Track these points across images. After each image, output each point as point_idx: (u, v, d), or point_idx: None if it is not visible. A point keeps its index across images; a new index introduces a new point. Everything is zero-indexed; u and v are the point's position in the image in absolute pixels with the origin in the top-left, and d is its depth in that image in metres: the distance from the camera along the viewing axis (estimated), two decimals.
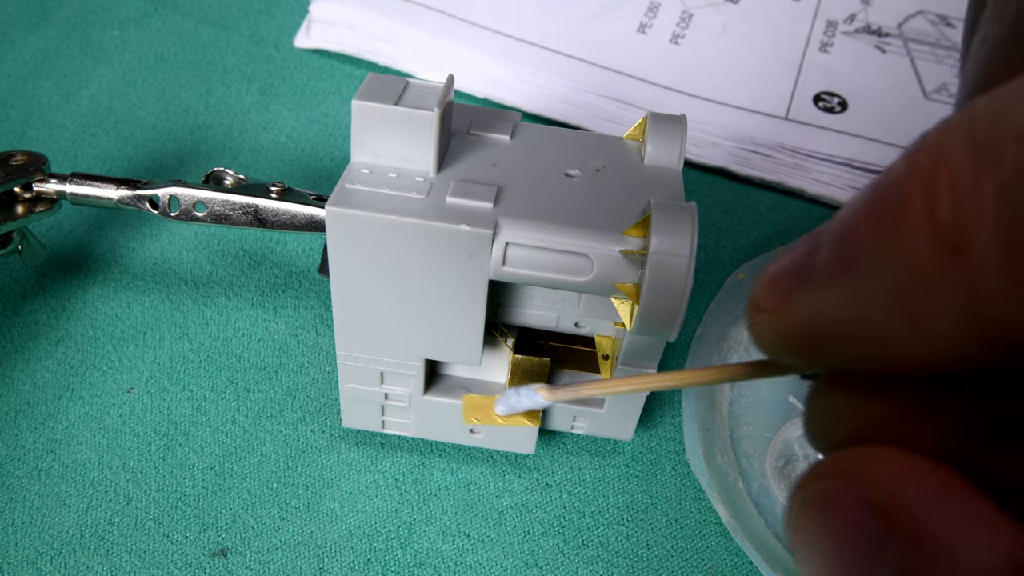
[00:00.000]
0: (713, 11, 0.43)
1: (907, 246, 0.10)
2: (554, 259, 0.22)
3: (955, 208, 0.10)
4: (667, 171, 0.24)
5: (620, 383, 0.19)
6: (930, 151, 0.10)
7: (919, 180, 0.10)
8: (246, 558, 0.25)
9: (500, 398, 0.23)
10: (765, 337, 0.13)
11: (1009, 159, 0.09)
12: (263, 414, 0.29)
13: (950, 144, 0.10)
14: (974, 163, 0.10)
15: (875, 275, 0.11)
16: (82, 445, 0.27)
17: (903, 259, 0.10)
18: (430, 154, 0.23)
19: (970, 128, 0.10)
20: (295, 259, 0.33)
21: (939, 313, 0.10)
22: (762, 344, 0.13)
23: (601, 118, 0.38)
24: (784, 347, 0.12)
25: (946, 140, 0.10)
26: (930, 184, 0.10)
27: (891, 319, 0.11)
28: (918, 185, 0.10)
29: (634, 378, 0.19)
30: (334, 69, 0.41)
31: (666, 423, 0.30)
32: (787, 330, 0.12)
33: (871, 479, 0.11)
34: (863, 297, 0.11)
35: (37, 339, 0.30)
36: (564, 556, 0.26)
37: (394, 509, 0.27)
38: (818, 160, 0.37)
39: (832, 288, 0.11)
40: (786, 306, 0.12)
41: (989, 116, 0.10)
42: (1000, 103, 0.10)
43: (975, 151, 0.10)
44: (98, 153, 0.36)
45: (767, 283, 0.12)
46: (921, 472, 0.11)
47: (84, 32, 0.41)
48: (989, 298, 0.10)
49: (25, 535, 0.25)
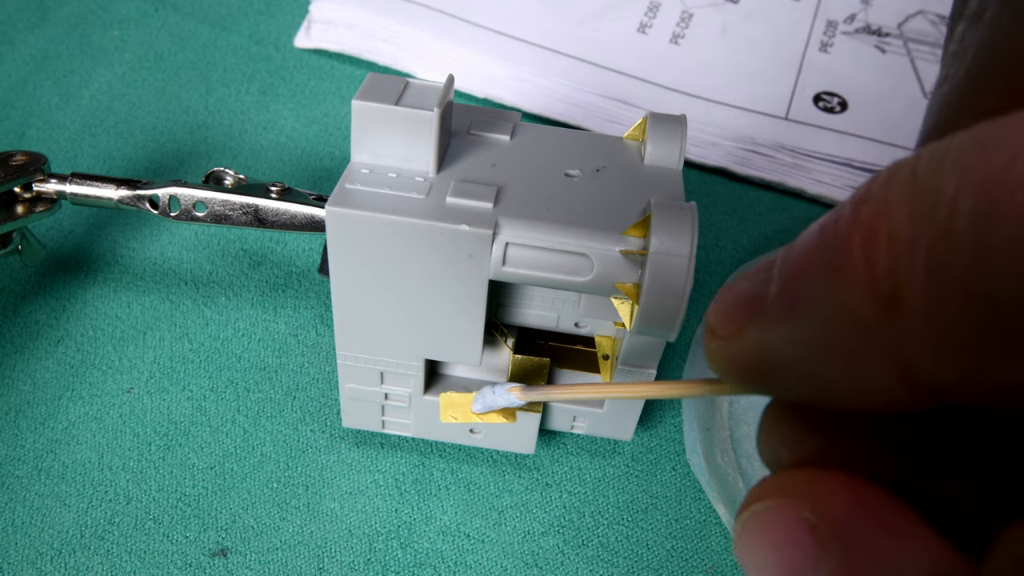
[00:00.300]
0: (713, 11, 0.43)
1: (845, 297, 0.11)
2: (554, 259, 0.22)
3: (892, 263, 0.10)
4: (667, 171, 0.24)
5: (588, 389, 0.20)
6: (873, 202, 0.11)
7: (860, 232, 0.10)
8: (246, 558, 0.25)
9: (477, 395, 0.23)
10: (718, 361, 0.13)
11: (941, 218, 0.10)
12: (263, 414, 0.29)
13: (891, 197, 0.10)
14: (912, 219, 0.10)
15: (815, 320, 0.11)
16: (82, 445, 0.27)
17: (841, 308, 0.11)
18: (430, 154, 0.23)
19: (911, 182, 0.10)
20: (295, 259, 0.33)
21: (872, 362, 0.11)
22: (715, 367, 0.13)
23: (601, 118, 0.38)
24: (735, 374, 0.13)
25: (888, 193, 0.10)
26: (870, 237, 0.10)
27: (828, 363, 0.11)
28: (860, 237, 0.10)
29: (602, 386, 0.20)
30: (334, 69, 0.41)
31: (666, 423, 0.30)
32: (738, 358, 0.13)
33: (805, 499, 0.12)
34: (804, 339, 0.11)
35: (37, 339, 0.30)
36: (564, 556, 0.26)
37: (394, 509, 0.27)
38: (818, 160, 0.37)
39: (778, 325, 0.12)
40: (738, 335, 0.12)
41: (930, 172, 0.10)
42: (940, 158, 0.10)
43: (913, 207, 0.10)
44: (98, 153, 0.36)
45: (722, 309, 0.13)
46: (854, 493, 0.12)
47: (84, 32, 0.41)
48: (919, 354, 0.10)
49: (25, 535, 0.25)
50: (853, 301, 0.10)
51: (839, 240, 0.11)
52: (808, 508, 0.12)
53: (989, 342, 0.09)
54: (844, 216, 0.11)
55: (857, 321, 0.11)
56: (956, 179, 0.10)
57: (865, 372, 0.11)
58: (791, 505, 0.12)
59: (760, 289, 0.12)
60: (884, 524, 0.11)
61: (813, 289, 0.11)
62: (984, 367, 0.10)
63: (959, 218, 0.09)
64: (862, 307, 0.10)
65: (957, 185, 0.10)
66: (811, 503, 0.12)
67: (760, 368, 0.12)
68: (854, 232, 0.11)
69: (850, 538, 0.11)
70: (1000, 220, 0.09)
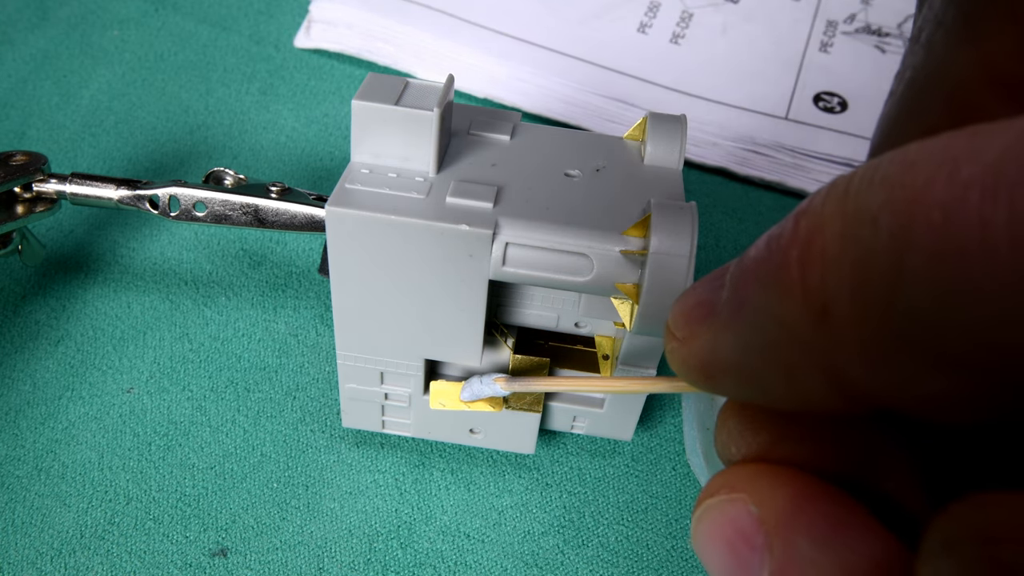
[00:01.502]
0: (713, 11, 0.43)
1: (783, 308, 0.11)
2: (554, 259, 0.22)
3: (823, 278, 0.10)
4: (667, 171, 0.24)
5: (563, 382, 0.21)
6: (811, 217, 0.11)
7: (798, 246, 0.11)
8: (246, 558, 0.25)
9: (465, 384, 0.24)
10: (674, 362, 0.14)
11: (865, 236, 0.10)
12: (263, 414, 0.29)
13: (826, 212, 0.11)
14: (842, 236, 0.10)
15: (757, 328, 0.12)
16: (82, 445, 0.27)
17: (779, 319, 0.11)
18: (430, 154, 0.23)
19: (843, 199, 0.10)
20: (295, 259, 0.33)
21: (806, 371, 0.11)
22: (672, 367, 0.14)
23: (601, 118, 0.38)
24: (688, 374, 0.14)
25: (825, 208, 0.11)
26: (806, 251, 0.11)
27: (768, 370, 0.12)
28: (797, 251, 0.11)
29: (576, 380, 0.20)
30: (334, 69, 0.41)
31: (666, 423, 0.30)
32: (690, 360, 0.13)
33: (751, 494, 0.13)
34: (747, 345, 0.12)
35: (37, 339, 0.30)
36: (564, 556, 0.26)
37: (394, 509, 0.27)
38: (818, 160, 0.37)
39: (726, 331, 0.12)
40: (692, 338, 0.13)
41: (859, 189, 0.10)
42: (870, 176, 0.10)
43: (843, 223, 0.10)
44: (98, 153, 0.36)
45: (679, 312, 0.14)
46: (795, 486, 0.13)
47: (84, 32, 0.41)
48: (847, 365, 0.11)
49: (25, 535, 0.25)
50: (789, 313, 0.11)
51: (780, 253, 0.11)
52: (753, 502, 0.13)
53: (908, 356, 0.10)
54: (787, 229, 0.11)
55: (793, 332, 0.11)
56: (881, 197, 0.10)
57: (801, 380, 0.11)
58: (738, 500, 0.13)
59: (713, 295, 0.13)
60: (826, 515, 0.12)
61: (756, 299, 0.12)
62: (905, 379, 0.10)
63: (880, 236, 0.10)
64: (797, 319, 0.11)
65: (880, 203, 0.10)
66: (755, 497, 0.13)
67: (709, 370, 0.13)
68: (793, 246, 0.11)
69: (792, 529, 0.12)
70: (915, 238, 0.09)
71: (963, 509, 0.10)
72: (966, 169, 0.09)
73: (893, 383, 0.10)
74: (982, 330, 0.09)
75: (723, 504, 0.13)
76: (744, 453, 0.14)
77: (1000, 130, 0.09)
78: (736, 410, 0.14)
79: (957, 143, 0.09)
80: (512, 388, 0.22)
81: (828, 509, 0.12)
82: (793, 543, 0.12)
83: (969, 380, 0.10)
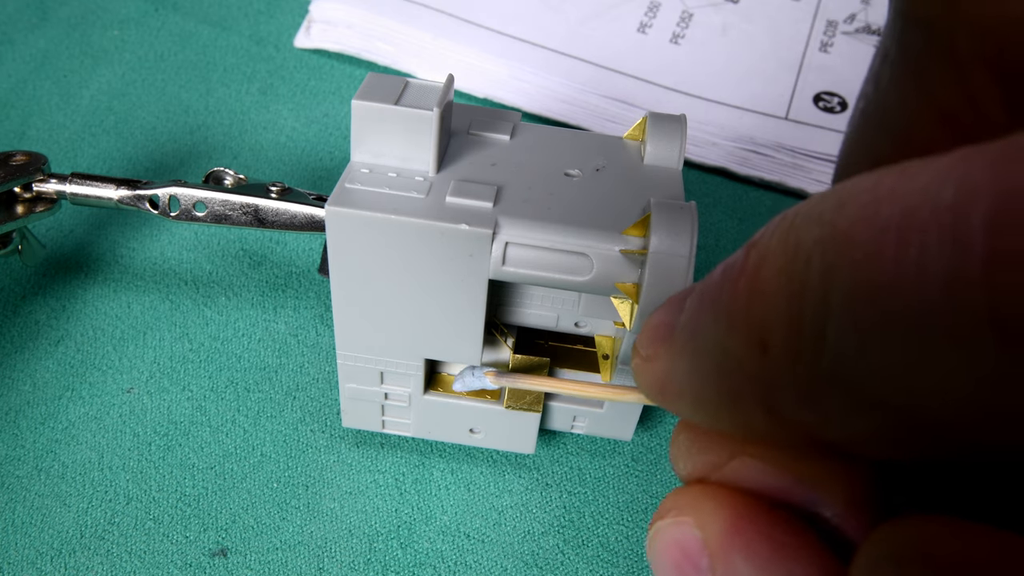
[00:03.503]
0: (713, 11, 0.43)
1: (729, 339, 0.11)
2: (554, 259, 0.22)
3: (764, 311, 0.11)
4: (667, 171, 0.24)
5: (549, 383, 0.21)
6: (759, 248, 0.11)
7: (746, 278, 0.11)
8: (246, 558, 0.25)
9: (458, 376, 0.24)
10: (637, 379, 0.14)
11: (799, 271, 0.10)
12: (263, 414, 0.29)
13: (771, 246, 0.11)
14: (780, 271, 0.10)
15: (707, 355, 0.12)
16: (82, 445, 0.27)
17: (725, 348, 0.11)
18: (430, 154, 0.23)
19: (787, 233, 0.11)
20: (295, 259, 0.33)
21: (748, 402, 0.11)
22: (636, 384, 0.14)
23: (601, 118, 0.38)
24: (649, 393, 0.14)
25: (772, 241, 0.11)
26: (751, 283, 0.11)
27: (715, 397, 0.12)
28: (744, 282, 0.11)
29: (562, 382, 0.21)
30: (334, 69, 0.41)
31: (666, 423, 0.30)
32: (650, 379, 0.14)
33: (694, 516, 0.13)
34: (698, 371, 0.12)
35: (37, 339, 0.30)
36: (564, 556, 0.26)
37: (394, 509, 0.27)
38: (818, 160, 0.37)
39: (680, 356, 0.13)
40: (653, 358, 0.13)
41: (800, 225, 0.10)
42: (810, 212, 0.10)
43: (783, 258, 0.10)
44: (98, 153, 0.36)
45: (644, 331, 0.14)
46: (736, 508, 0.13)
47: (84, 32, 0.41)
48: (782, 400, 0.11)
49: (25, 535, 0.25)
50: (735, 344, 0.11)
51: (731, 283, 0.11)
52: (696, 525, 0.13)
53: (832, 396, 0.10)
54: (739, 259, 0.11)
55: (739, 363, 0.11)
56: (815, 234, 0.10)
57: (743, 409, 0.12)
58: (684, 523, 0.13)
59: (675, 318, 0.13)
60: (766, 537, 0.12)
61: (707, 328, 0.12)
62: (832, 418, 0.10)
63: (812, 274, 0.10)
64: (742, 350, 0.11)
65: (814, 240, 0.10)
66: (699, 520, 0.13)
67: (664, 391, 0.13)
68: (742, 276, 0.11)
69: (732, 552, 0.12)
70: (839, 278, 0.09)
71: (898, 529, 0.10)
72: (885, 210, 0.09)
73: (822, 421, 0.10)
74: (896, 375, 0.09)
75: (671, 527, 0.13)
76: (690, 471, 0.14)
77: (922, 169, 0.09)
78: (688, 426, 0.14)
79: (886, 182, 0.09)
80: (500, 383, 0.23)
81: (768, 531, 0.12)
82: (733, 565, 0.12)
83: (890, 422, 0.10)
